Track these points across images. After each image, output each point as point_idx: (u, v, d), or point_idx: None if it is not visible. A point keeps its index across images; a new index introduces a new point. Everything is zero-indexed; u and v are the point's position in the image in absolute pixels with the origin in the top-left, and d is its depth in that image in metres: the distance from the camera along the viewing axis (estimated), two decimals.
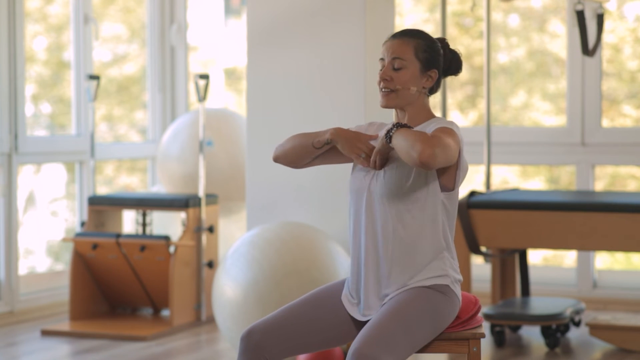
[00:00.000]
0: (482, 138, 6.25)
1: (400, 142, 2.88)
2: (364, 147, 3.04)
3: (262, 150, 5.46)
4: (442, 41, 3.12)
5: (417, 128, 3.05)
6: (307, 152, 3.10)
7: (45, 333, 5.71)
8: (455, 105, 7.13)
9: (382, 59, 3.06)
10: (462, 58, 3.14)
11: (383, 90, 3.05)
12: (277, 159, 3.15)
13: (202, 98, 6.09)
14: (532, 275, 6.60)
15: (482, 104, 6.98)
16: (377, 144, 3.01)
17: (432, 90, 3.09)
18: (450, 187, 3.01)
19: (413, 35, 3.06)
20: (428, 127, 3.02)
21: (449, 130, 2.94)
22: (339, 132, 3.06)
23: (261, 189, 5.46)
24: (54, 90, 6.89)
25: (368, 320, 3.03)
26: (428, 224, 2.99)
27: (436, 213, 2.99)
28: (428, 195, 2.99)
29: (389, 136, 2.92)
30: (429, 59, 3.05)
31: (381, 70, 3.06)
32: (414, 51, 3.03)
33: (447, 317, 3.02)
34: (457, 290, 3.04)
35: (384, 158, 3.00)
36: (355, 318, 3.07)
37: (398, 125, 2.93)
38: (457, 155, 2.94)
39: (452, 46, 3.14)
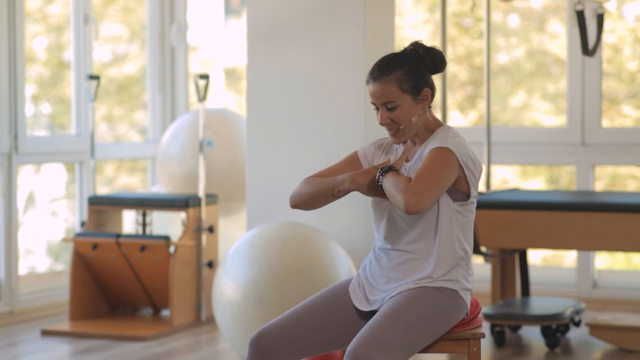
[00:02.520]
0: (482, 138, 6.26)
1: (388, 191, 2.95)
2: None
3: (262, 150, 5.46)
4: (416, 47, 3.07)
5: (425, 143, 3.05)
6: (327, 199, 3.10)
7: (45, 333, 5.71)
8: (455, 106, 7.13)
9: (373, 103, 3.06)
10: (441, 50, 3.12)
11: (390, 131, 3.06)
12: (296, 207, 3.15)
13: (202, 98, 6.09)
14: (532, 275, 6.60)
15: (482, 104, 6.98)
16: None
17: (430, 102, 3.08)
18: (462, 196, 3.01)
19: (390, 70, 3.01)
20: (429, 145, 3.02)
21: (440, 154, 2.95)
22: (356, 180, 3.04)
23: (261, 189, 5.47)
24: (54, 90, 6.89)
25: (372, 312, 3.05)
26: (444, 237, 3.00)
27: (450, 225, 3.00)
28: (441, 209, 2.99)
29: (380, 185, 2.99)
30: (415, 84, 3.02)
31: (375, 110, 3.06)
32: (398, 87, 3.01)
33: (450, 320, 3.01)
34: (466, 297, 3.04)
35: None
36: (362, 318, 3.06)
37: (383, 171, 2.98)
38: (450, 178, 2.95)
39: (453, 47, 3.13)
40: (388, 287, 3.02)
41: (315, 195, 3.10)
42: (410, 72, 3.02)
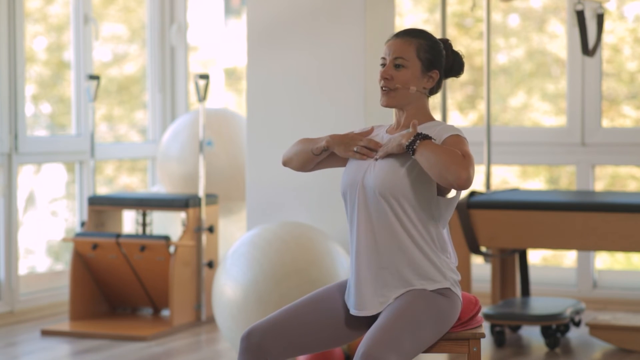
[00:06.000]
0: (482, 138, 6.26)
1: (429, 159, 2.87)
2: (357, 142, 3.05)
3: (262, 150, 5.46)
4: (445, 42, 3.12)
5: (422, 127, 3.05)
6: (308, 158, 3.14)
7: (45, 333, 5.71)
8: (455, 106, 7.13)
9: (383, 58, 3.07)
10: (464, 59, 3.14)
11: (383, 88, 3.06)
12: (285, 164, 3.20)
13: (202, 98, 6.09)
14: (532, 275, 6.60)
15: (481, 105, 6.98)
16: (389, 146, 2.99)
17: (433, 91, 3.09)
18: (446, 191, 3.02)
19: (415, 35, 3.06)
20: (433, 130, 3.01)
21: (463, 140, 2.95)
22: (333, 138, 3.10)
23: (261, 189, 5.47)
24: (54, 90, 6.89)
25: (365, 317, 3.04)
26: (421, 219, 2.99)
27: (430, 208, 2.99)
28: (423, 191, 2.98)
29: (412, 149, 2.91)
30: (431, 59, 3.05)
31: (381, 68, 3.06)
32: (416, 51, 3.04)
33: (451, 318, 3.02)
34: (458, 291, 3.05)
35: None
36: (355, 319, 3.06)
37: (420, 137, 2.92)
38: None
39: (455, 47, 3.14)
40: (379, 290, 3.00)
41: (298, 153, 3.15)
42: (432, 48, 3.06)
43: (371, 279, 3.01)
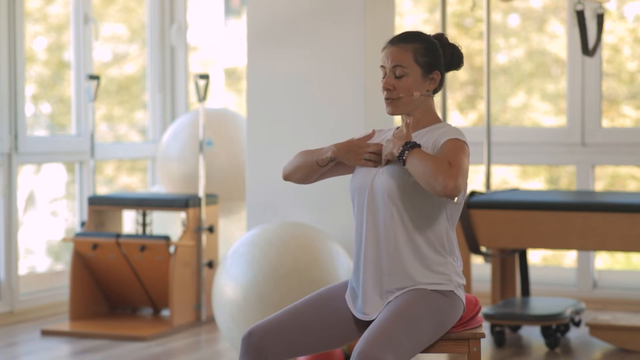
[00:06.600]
0: (482, 138, 6.26)
1: (417, 169, 2.88)
2: (366, 149, 3.05)
3: (262, 150, 5.46)
4: (441, 38, 3.11)
5: (422, 131, 3.05)
6: (313, 170, 3.12)
7: (45, 333, 5.71)
8: (455, 106, 7.13)
9: (382, 67, 3.06)
10: (463, 52, 3.14)
11: (387, 99, 3.05)
12: (287, 178, 3.17)
13: (202, 98, 6.09)
14: (532, 275, 6.60)
15: (481, 105, 6.98)
16: (385, 153, 2.99)
17: (436, 91, 3.09)
18: None
19: (410, 40, 3.04)
20: (435, 133, 3.01)
21: (461, 145, 2.94)
22: (339, 147, 3.07)
23: (261, 189, 5.47)
24: (54, 90, 6.89)
25: (370, 320, 3.03)
26: (430, 223, 2.99)
27: (439, 213, 2.99)
28: (430, 196, 2.98)
29: (402, 159, 2.92)
30: (429, 62, 3.04)
31: (383, 78, 3.06)
32: (413, 56, 3.03)
33: (450, 319, 3.02)
34: (461, 294, 3.04)
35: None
36: (357, 318, 3.06)
37: (409, 146, 2.92)
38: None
39: (450, 40, 3.14)
40: (383, 292, 3.00)
41: (302, 166, 3.13)
42: (429, 50, 3.05)
43: (377, 284, 3.01)
